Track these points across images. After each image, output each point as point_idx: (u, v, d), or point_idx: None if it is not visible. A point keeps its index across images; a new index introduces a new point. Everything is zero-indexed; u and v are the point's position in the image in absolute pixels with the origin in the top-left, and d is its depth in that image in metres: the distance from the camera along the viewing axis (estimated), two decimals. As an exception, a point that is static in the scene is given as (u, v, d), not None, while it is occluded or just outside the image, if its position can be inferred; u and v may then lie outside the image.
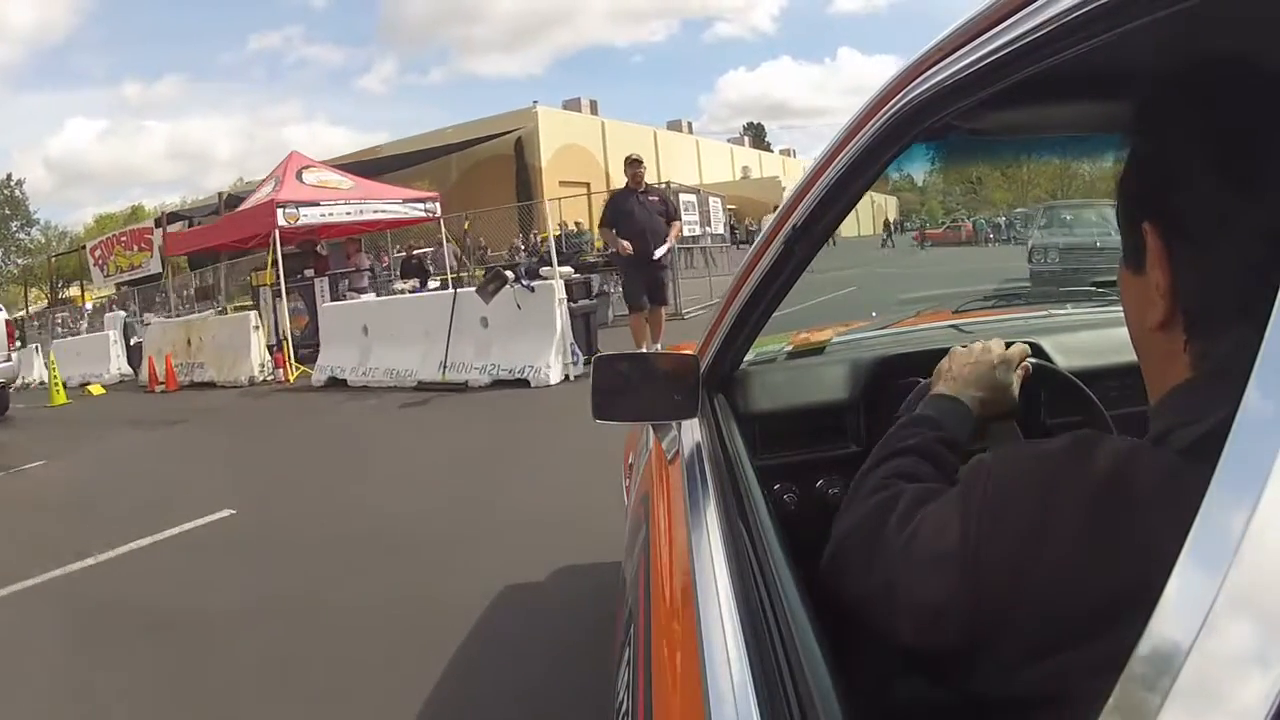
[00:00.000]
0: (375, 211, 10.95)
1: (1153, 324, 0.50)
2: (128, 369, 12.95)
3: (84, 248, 25.83)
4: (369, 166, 21.40)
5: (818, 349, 1.65)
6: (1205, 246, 0.46)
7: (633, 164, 6.45)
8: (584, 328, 7.04)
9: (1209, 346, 0.46)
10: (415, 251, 14.86)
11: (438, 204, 11.48)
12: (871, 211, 57.24)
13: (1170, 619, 0.28)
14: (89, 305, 23.41)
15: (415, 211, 11.47)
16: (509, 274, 6.72)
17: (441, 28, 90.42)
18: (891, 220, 53.10)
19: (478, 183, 28.09)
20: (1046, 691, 0.42)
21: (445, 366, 7.01)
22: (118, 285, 23.59)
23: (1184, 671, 0.27)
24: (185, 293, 18.61)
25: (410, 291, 10.47)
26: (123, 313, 16.38)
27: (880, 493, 0.68)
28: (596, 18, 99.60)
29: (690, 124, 52.24)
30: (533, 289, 6.56)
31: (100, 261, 22.66)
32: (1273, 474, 0.26)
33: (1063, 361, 1.29)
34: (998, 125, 0.84)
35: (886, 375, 1.44)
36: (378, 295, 10.27)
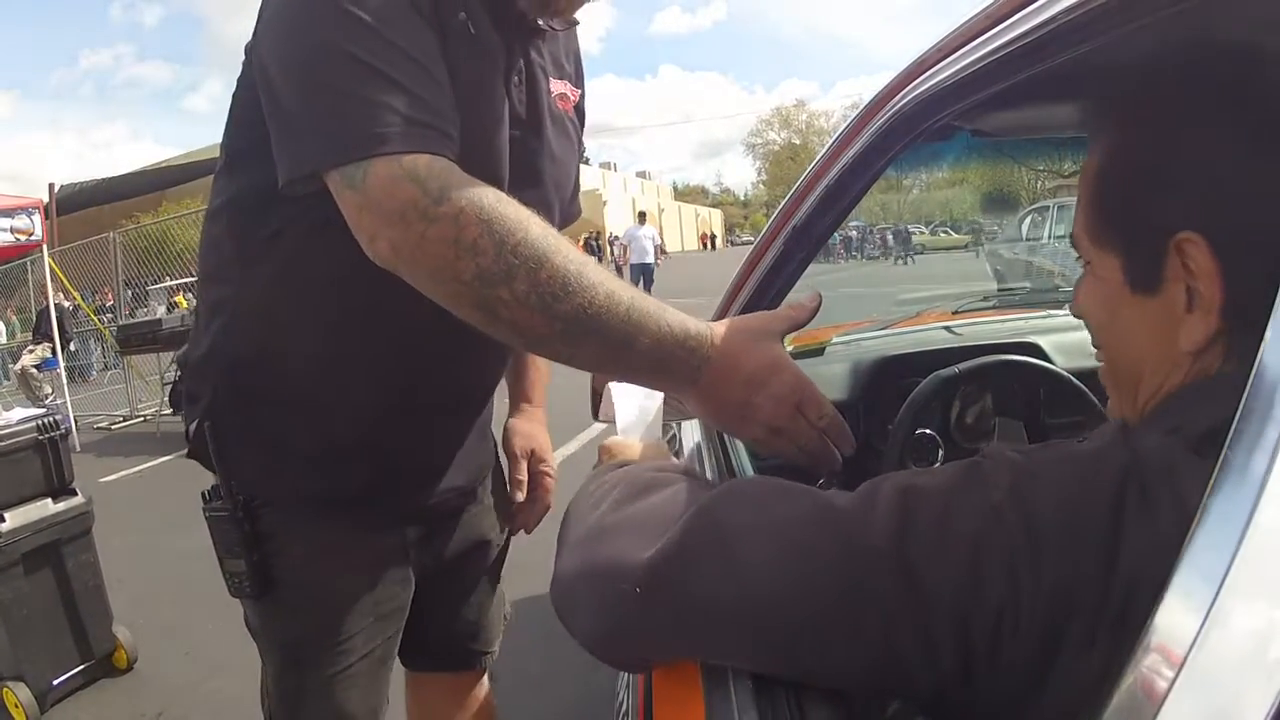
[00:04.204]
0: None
1: (1191, 345, 0.46)
2: None
3: None
4: (148, 179, 19.61)
5: (818, 349, 1.65)
6: (1256, 252, 0.43)
7: None
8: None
9: (1233, 350, 0.45)
10: (64, 301, 8.28)
11: (36, 217, 5.97)
12: (696, 225, 55.06)
13: (1172, 618, 0.28)
14: None
15: (-5, 233, 5.45)
16: None
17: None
18: (715, 235, 50.81)
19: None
20: (1049, 693, 0.42)
21: None
22: None
23: (1185, 670, 0.27)
24: None
25: (35, 369, 6.99)
26: None
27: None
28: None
29: (502, 136, 50.07)
30: None
31: None
32: (1273, 472, 0.26)
33: (1063, 361, 1.29)
34: (998, 125, 0.84)
35: (886, 376, 1.45)
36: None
